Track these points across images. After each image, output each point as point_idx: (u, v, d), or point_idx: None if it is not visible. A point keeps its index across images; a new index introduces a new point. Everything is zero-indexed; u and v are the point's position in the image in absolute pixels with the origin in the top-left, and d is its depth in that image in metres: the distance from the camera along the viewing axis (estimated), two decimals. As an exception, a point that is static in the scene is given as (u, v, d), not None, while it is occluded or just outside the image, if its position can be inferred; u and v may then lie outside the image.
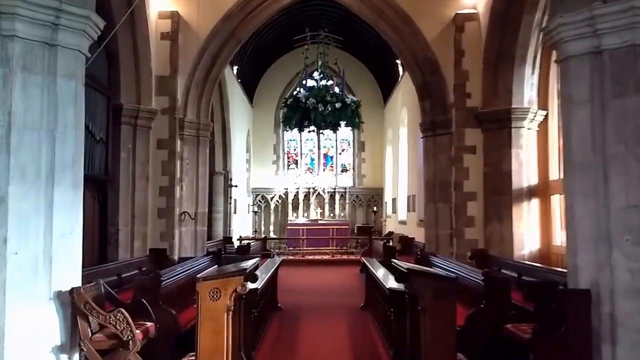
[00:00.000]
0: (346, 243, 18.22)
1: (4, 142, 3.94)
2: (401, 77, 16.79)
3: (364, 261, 9.86)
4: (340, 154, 22.59)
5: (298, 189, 21.32)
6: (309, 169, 22.55)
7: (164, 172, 9.68)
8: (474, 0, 9.71)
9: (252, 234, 19.07)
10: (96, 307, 4.14)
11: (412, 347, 4.84)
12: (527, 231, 8.98)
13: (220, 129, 15.87)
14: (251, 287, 4.84)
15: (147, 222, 9.38)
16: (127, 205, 9.07)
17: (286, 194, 21.34)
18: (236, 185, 16.97)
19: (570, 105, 4.39)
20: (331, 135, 22.17)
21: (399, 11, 10.14)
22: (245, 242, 14.65)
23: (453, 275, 4.69)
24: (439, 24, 10.01)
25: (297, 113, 7.95)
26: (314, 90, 8.02)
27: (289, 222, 20.36)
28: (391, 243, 15.18)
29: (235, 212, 17.28)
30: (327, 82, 8.42)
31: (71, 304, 4.17)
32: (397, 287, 5.26)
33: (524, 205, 9.02)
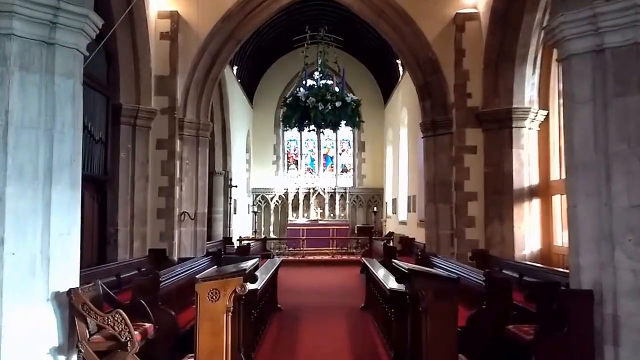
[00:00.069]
0: (346, 243, 18.20)
1: (1, 142, 3.91)
2: (401, 77, 16.76)
3: (364, 261, 9.84)
4: (341, 154, 22.56)
5: (298, 189, 21.30)
6: (309, 169, 22.52)
7: (163, 172, 9.65)
8: (474, 0, 9.68)
9: (252, 234, 19.04)
10: (94, 308, 4.10)
11: (413, 348, 4.82)
12: (528, 231, 8.95)
13: (220, 129, 15.85)
14: (251, 287, 4.81)
15: (146, 223, 9.36)
16: (126, 205, 9.04)
17: (286, 194, 21.31)
18: (236, 186, 16.95)
19: (572, 104, 4.36)
20: (331, 136, 22.15)
21: (400, 11, 10.11)
22: (245, 242, 14.62)
23: (455, 275, 4.66)
24: (440, 23, 9.98)
25: (296, 112, 7.88)
26: (313, 89, 7.96)
27: (289, 222, 20.33)
28: (391, 243, 15.14)
29: (235, 213, 17.26)
30: (327, 82, 8.34)
31: (69, 305, 4.14)
32: (398, 287, 5.23)
33: (525, 206, 8.99)
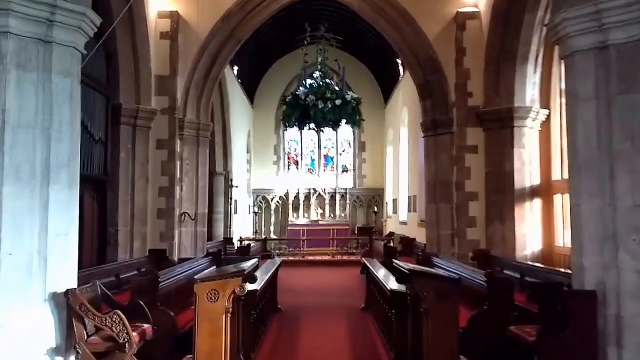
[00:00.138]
0: (347, 244, 18.15)
1: (-2, 141, 3.88)
2: (402, 76, 16.72)
3: (365, 262, 9.79)
4: (341, 154, 22.52)
5: (299, 189, 21.27)
6: (309, 169, 22.48)
7: (163, 173, 9.61)
8: (475, -1, 9.64)
9: (253, 235, 19.01)
10: (92, 309, 4.06)
11: (414, 349, 4.78)
12: (529, 232, 8.89)
13: (221, 130, 15.83)
14: (250, 288, 4.77)
15: (146, 223, 9.32)
16: (126, 205, 9.01)
17: (287, 194, 21.28)
18: (237, 186, 16.92)
19: (575, 103, 4.31)
20: (332, 136, 22.12)
21: (400, 10, 10.05)
22: (246, 243, 14.59)
23: (456, 276, 4.61)
24: (440, 22, 9.91)
25: (296, 111, 7.83)
26: (313, 88, 7.91)
27: (290, 223, 20.30)
28: (392, 244, 15.10)
29: (236, 213, 17.24)
30: (327, 80, 8.29)
31: (66, 306, 4.10)
32: (399, 288, 5.19)
33: (527, 206, 8.93)
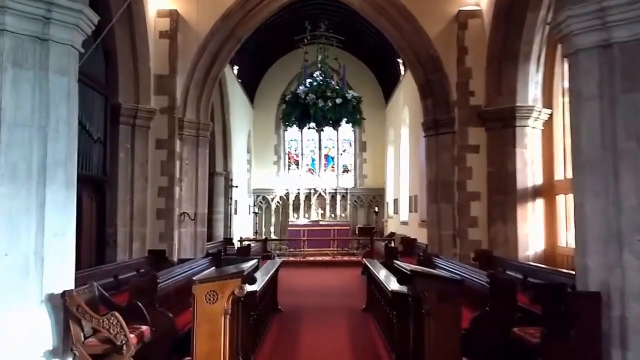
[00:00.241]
0: (347, 244, 18.10)
1: (-7, 140, 3.83)
2: (403, 75, 16.66)
3: (366, 262, 9.73)
4: (342, 154, 22.46)
5: (299, 189, 21.21)
6: (310, 169, 22.42)
7: (163, 173, 9.56)
8: (477, -3, 9.58)
9: (253, 235, 18.96)
10: (89, 310, 4.00)
11: (415, 350, 4.72)
12: (531, 232, 8.83)
13: (221, 130, 15.78)
14: (249, 289, 4.72)
15: (146, 223, 9.26)
16: (125, 205, 8.96)
17: (287, 194, 21.22)
18: (237, 186, 16.87)
19: (579, 101, 4.26)
20: (332, 136, 22.06)
21: (401, 8, 9.98)
22: (246, 243, 14.53)
23: (458, 277, 4.56)
24: (442, 21, 9.85)
25: (296, 109, 7.76)
26: (313, 86, 7.85)
27: (290, 223, 20.24)
28: (393, 244, 15.04)
29: (236, 213, 17.18)
30: (327, 79, 8.23)
31: (63, 307, 4.05)
32: (400, 289, 5.14)
33: (529, 206, 8.87)
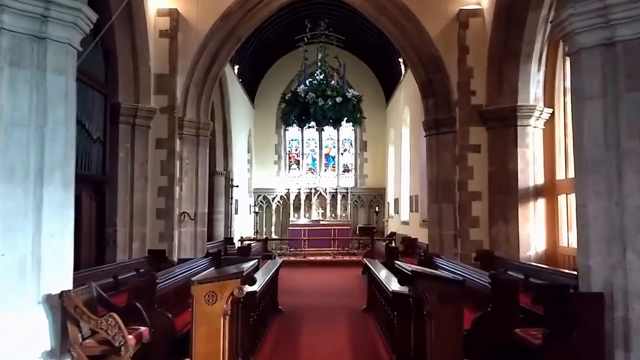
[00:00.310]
0: (348, 244, 18.06)
1: (-10, 140, 3.79)
2: (403, 75, 16.62)
3: (366, 262, 9.69)
4: (342, 154, 22.42)
5: (299, 189, 21.18)
6: (310, 169, 22.39)
7: (163, 172, 9.50)
8: (478, -4, 9.52)
9: (254, 234, 18.93)
10: (86, 311, 3.96)
11: (416, 351, 4.68)
12: (533, 232, 8.77)
13: (222, 129, 15.74)
14: (249, 290, 4.68)
15: (145, 223, 9.21)
16: (125, 205, 8.91)
17: (288, 194, 21.19)
18: (237, 186, 16.84)
19: (581, 100, 4.21)
20: (333, 135, 22.03)
21: (402, 7, 9.93)
22: (247, 243, 14.50)
23: (460, 278, 4.52)
24: (443, 20, 9.78)
25: (296, 108, 7.71)
26: (313, 85, 7.79)
27: (291, 222, 20.22)
28: (394, 244, 15.00)
29: (236, 213, 17.15)
30: (327, 79, 8.18)
31: (61, 308, 4.01)
32: (401, 290, 5.10)
33: (530, 205, 8.81)
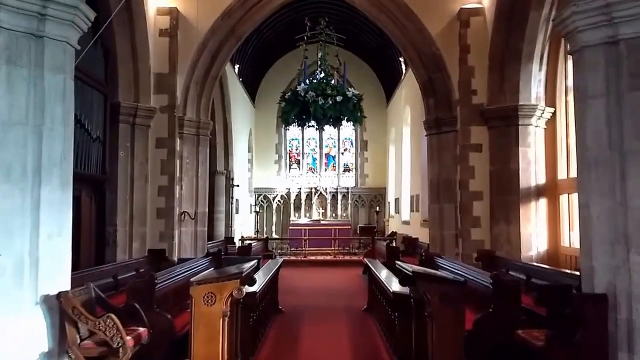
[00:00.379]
0: (348, 243, 18.03)
1: (-14, 139, 3.75)
2: (404, 74, 16.58)
3: (367, 262, 9.66)
4: (343, 153, 22.39)
5: (300, 189, 21.16)
6: (311, 168, 22.36)
7: (163, 172, 9.47)
8: (479, -5, 9.47)
9: (254, 234, 18.90)
10: (84, 312, 3.93)
11: (417, 352, 4.65)
12: (535, 232, 8.73)
13: (222, 129, 15.71)
14: (249, 290, 4.65)
15: (145, 223, 9.18)
16: (125, 205, 8.88)
17: (288, 194, 21.17)
18: (238, 185, 16.81)
19: (584, 99, 4.17)
20: (333, 135, 21.99)
21: (402, 6, 9.88)
22: (247, 242, 14.47)
23: (461, 278, 4.48)
24: (443, 18, 9.73)
25: (295, 107, 7.64)
26: (313, 84, 7.73)
27: (291, 222, 20.20)
28: (394, 243, 14.95)
29: (237, 212, 17.13)
30: (327, 78, 8.13)
31: (58, 309, 3.97)
32: (402, 290, 5.06)
33: (532, 205, 8.76)
